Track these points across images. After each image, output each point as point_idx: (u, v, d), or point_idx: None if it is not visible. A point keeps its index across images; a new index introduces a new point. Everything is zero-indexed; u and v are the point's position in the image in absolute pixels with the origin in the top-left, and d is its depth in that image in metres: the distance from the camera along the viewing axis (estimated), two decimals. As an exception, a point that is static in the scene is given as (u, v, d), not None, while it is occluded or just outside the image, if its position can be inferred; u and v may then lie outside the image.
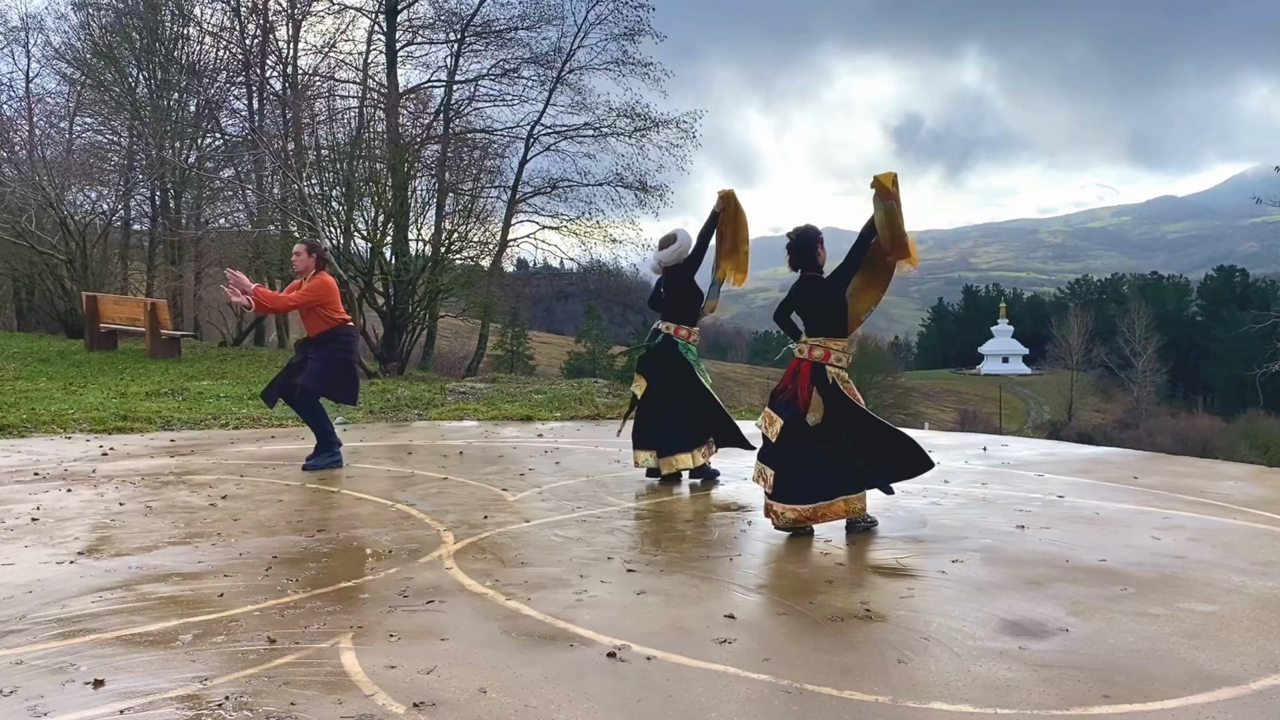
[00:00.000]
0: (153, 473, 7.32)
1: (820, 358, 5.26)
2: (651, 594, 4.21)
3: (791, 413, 5.25)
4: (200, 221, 25.79)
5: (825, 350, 5.27)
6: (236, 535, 5.30)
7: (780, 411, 5.29)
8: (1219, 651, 3.51)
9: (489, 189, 23.57)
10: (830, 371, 5.24)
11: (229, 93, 26.48)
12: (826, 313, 5.33)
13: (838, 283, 5.33)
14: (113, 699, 3.04)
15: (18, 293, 27.32)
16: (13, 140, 24.08)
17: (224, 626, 3.74)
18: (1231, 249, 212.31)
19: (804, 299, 5.43)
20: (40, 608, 3.99)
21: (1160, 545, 5.09)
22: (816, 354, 5.28)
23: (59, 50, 26.50)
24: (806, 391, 5.22)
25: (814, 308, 5.37)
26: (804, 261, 5.44)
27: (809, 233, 5.49)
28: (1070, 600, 4.11)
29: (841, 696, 3.10)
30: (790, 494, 5.20)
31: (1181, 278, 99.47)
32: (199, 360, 17.63)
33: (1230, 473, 7.78)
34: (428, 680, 3.21)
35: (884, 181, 5.10)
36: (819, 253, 5.44)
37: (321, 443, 7.60)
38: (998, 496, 6.48)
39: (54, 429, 9.72)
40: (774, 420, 5.30)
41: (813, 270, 5.43)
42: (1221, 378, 73.05)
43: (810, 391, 5.21)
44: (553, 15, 25.51)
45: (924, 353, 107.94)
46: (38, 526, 5.48)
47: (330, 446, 7.61)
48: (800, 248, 5.45)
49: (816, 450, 5.21)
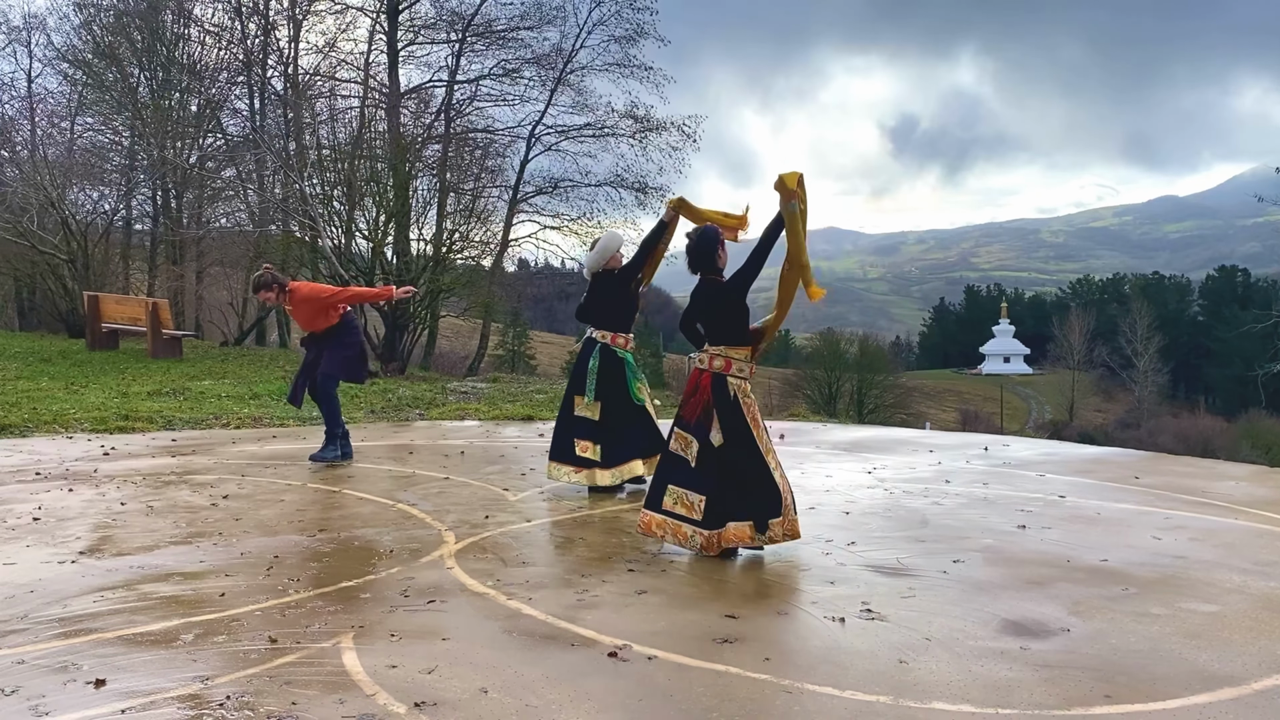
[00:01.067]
0: (154, 472, 7.32)
1: (721, 368, 4.89)
2: (653, 594, 4.21)
3: (705, 433, 4.87)
4: (202, 221, 25.78)
5: (726, 360, 4.90)
6: (238, 535, 5.30)
7: (696, 432, 4.89)
8: (1220, 652, 3.51)
9: (490, 189, 23.57)
10: (731, 384, 4.88)
11: (230, 92, 26.47)
12: (726, 319, 4.96)
13: (737, 287, 4.97)
14: (114, 698, 3.04)
15: (19, 292, 27.34)
16: (14, 140, 24.09)
17: (225, 626, 3.74)
18: (1233, 249, 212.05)
19: (703, 304, 5.04)
20: (42, 607, 3.99)
21: (1162, 545, 5.09)
22: (717, 364, 4.90)
23: (61, 50, 26.52)
24: (701, 406, 4.86)
25: (713, 314, 4.99)
26: (703, 264, 5.05)
27: (708, 233, 5.11)
28: (1072, 600, 4.11)
29: (843, 696, 3.10)
30: (726, 516, 4.82)
31: (1183, 278, 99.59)
32: (200, 360, 17.63)
33: (1232, 473, 7.78)
34: (429, 680, 3.21)
35: (787, 181, 4.76)
36: (719, 255, 5.06)
37: (331, 434, 7.79)
38: (999, 496, 6.48)
39: (55, 429, 9.73)
40: (690, 442, 4.89)
41: (713, 273, 5.05)
42: (1223, 378, 73.08)
43: (707, 406, 4.85)
44: (554, 16, 25.53)
45: (925, 353, 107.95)
46: (39, 526, 5.48)
47: (336, 440, 7.78)
48: (699, 249, 5.06)
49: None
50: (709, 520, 4.80)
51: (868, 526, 5.55)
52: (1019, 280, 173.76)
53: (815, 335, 79.75)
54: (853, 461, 8.10)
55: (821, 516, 5.80)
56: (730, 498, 4.81)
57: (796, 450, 8.82)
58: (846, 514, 5.88)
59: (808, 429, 11.02)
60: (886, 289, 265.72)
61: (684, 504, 4.87)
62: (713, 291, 5.03)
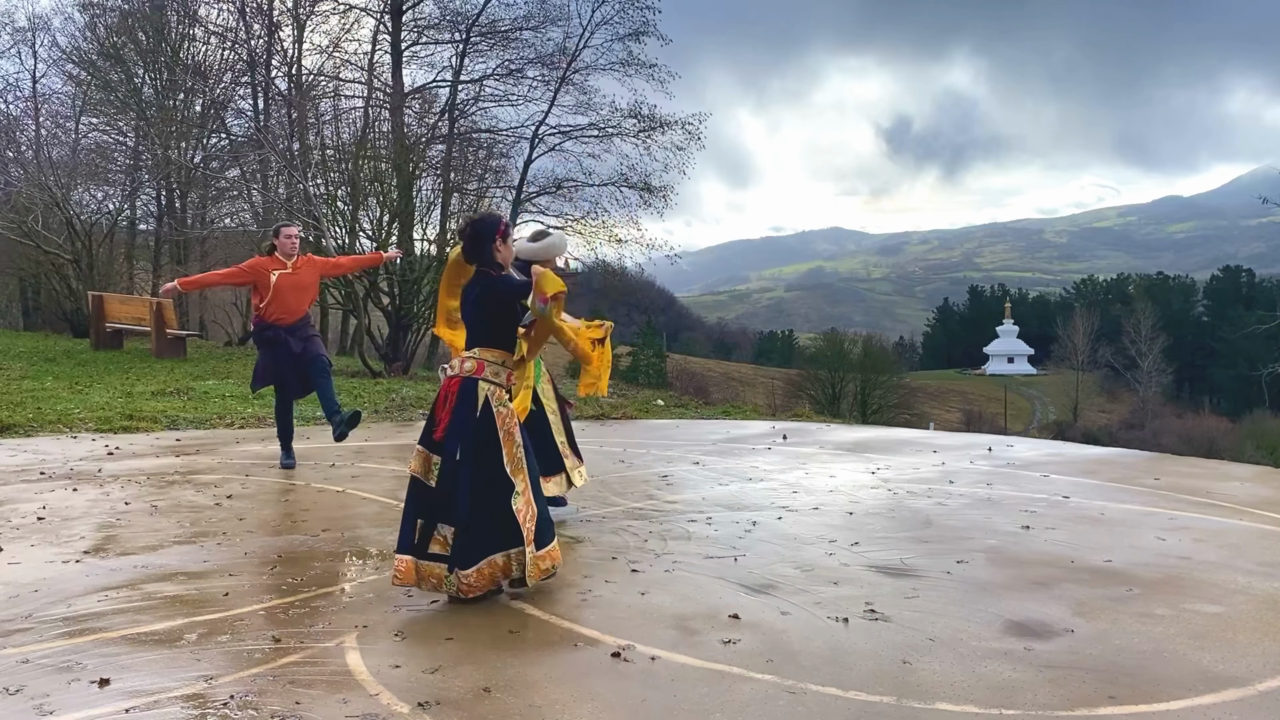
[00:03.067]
0: (158, 472, 7.33)
1: (472, 370, 4.21)
2: (656, 594, 4.21)
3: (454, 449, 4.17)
4: (206, 221, 25.82)
5: (479, 363, 4.21)
6: (241, 535, 5.31)
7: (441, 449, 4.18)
8: (1225, 653, 3.50)
9: (494, 189, 23.60)
10: (483, 389, 4.17)
11: (234, 93, 26.51)
12: (491, 318, 4.30)
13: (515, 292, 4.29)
14: (118, 698, 3.05)
15: (24, 292, 27.41)
16: (19, 140, 24.17)
17: (229, 626, 3.75)
18: (1237, 249, 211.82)
19: (468, 299, 4.38)
20: (46, 607, 4.00)
21: (1166, 546, 5.08)
22: (468, 366, 4.22)
23: (65, 51, 26.60)
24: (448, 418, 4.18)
25: (478, 311, 4.31)
26: (479, 254, 4.34)
27: (485, 221, 4.41)
28: (1075, 601, 4.10)
29: (846, 697, 3.10)
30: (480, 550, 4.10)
31: (1187, 278, 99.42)
32: (204, 360, 17.65)
33: (1236, 473, 7.76)
34: (432, 680, 3.21)
35: (544, 285, 4.15)
36: (497, 246, 4.33)
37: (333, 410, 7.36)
38: (1003, 497, 6.47)
39: (60, 428, 9.74)
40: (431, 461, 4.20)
41: (489, 267, 4.34)
42: (1227, 378, 72.97)
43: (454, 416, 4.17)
44: (558, 16, 25.53)
45: (929, 353, 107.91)
46: (44, 526, 5.49)
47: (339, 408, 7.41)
48: (474, 238, 4.34)
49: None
50: (459, 556, 4.06)
51: (871, 527, 5.54)
52: (1023, 280, 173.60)
53: (819, 335, 79.79)
54: (856, 462, 8.09)
55: (825, 517, 5.80)
56: (483, 527, 4.10)
57: (800, 450, 8.82)
58: (850, 514, 5.88)
59: (811, 429, 11.01)
60: (890, 289, 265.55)
61: (437, 540, 4.14)
62: (484, 285, 4.32)
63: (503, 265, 4.37)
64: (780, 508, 6.07)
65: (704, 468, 7.78)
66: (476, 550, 4.06)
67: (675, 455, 8.48)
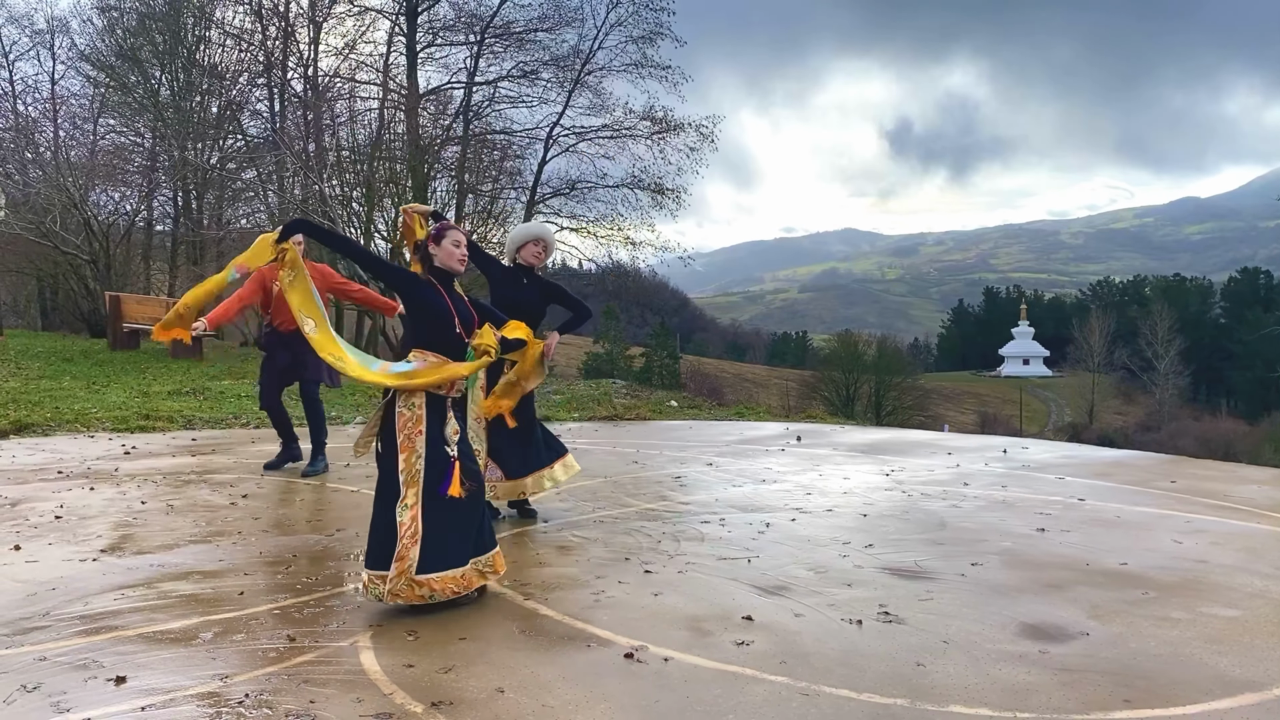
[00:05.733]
0: (174, 471, 7.38)
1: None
2: (669, 595, 4.21)
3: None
4: (222, 222, 25.97)
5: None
6: (256, 534, 5.34)
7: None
8: (1241, 657, 3.48)
9: (508, 190, 23.63)
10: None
11: (250, 94, 26.67)
12: (410, 315, 4.20)
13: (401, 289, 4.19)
14: (134, 696, 3.07)
15: (42, 292, 27.64)
16: (38, 142, 24.36)
17: (244, 625, 3.77)
18: (1255, 251, 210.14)
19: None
20: (63, 605, 4.03)
21: (1182, 549, 5.05)
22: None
23: (84, 53, 26.82)
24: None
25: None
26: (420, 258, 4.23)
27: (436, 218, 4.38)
28: (1091, 604, 4.08)
29: (859, 699, 3.09)
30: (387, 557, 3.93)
31: (1204, 280, 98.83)
32: (220, 360, 17.75)
33: (1254, 476, 7.71)
34: (446, 679, 3.22)
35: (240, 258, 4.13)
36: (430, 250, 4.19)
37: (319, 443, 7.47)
38: (1018, 499, 6.44)
39: (77, 428, 9.81)
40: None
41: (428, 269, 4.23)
42: (1245, 380, 72.51)
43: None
44: (572, 18, 25.55)
45: (944, 354, 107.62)
46: (61, 524, 5.53)
47: (323, 449, 7.51)
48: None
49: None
50: (372, 560, 3.95)
51: (885, 529, 5.53)
52: (1038, 282, 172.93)
53: (833, 337, 79.58)
54: (870, 464, 8.07)
55: (839, 519, 5.78)
56: (380, 531, 3.96)
57: (814, 452, 8.81)
58: (864, 516, 5.86)
59: (825, 431, 10.99)
60: (905, 290, 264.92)
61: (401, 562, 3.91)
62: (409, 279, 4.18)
63: (444, 267, 4.19)
64: (794, 509, 6.06)
65: (717, 469, 7.77)
66: (375, 556, 3.94)
67: (688, 456, 8.48)
